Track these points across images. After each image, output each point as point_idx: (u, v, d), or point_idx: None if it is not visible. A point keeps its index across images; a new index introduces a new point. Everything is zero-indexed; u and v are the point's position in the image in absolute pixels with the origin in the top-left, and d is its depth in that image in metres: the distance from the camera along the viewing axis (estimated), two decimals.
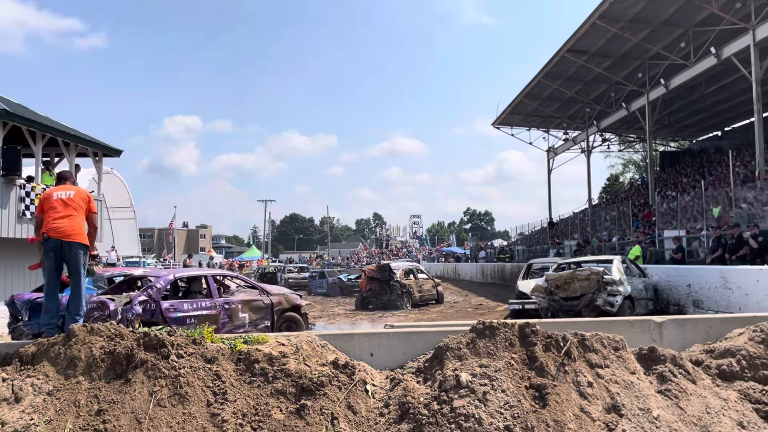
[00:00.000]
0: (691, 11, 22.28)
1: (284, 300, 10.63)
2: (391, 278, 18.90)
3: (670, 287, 13.55)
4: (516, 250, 36.51)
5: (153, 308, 8.84)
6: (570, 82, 31.23)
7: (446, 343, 5.00)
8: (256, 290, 10.56)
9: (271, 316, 10.25)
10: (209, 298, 9.68)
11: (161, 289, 9.13)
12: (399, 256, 67.65)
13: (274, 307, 10.32)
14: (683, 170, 34.85)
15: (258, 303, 10.19)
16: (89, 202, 5.97)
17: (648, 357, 5.20)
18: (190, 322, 9.02)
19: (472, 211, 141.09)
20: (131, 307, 8.67)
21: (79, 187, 6.17)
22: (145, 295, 8.88)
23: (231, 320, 9.65)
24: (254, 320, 9.99)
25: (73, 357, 4.49)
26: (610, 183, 60.20)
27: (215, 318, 9.40)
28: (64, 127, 16.05)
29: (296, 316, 10.75)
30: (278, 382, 4.61)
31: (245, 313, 9.90)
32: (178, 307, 9.16)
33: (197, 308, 9.38)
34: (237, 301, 9.97)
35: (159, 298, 8.99)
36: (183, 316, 9.06)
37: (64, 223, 5.67)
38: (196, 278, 10.57)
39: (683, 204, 21.37)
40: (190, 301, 9.57)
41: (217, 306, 9.57)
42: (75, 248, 5.67)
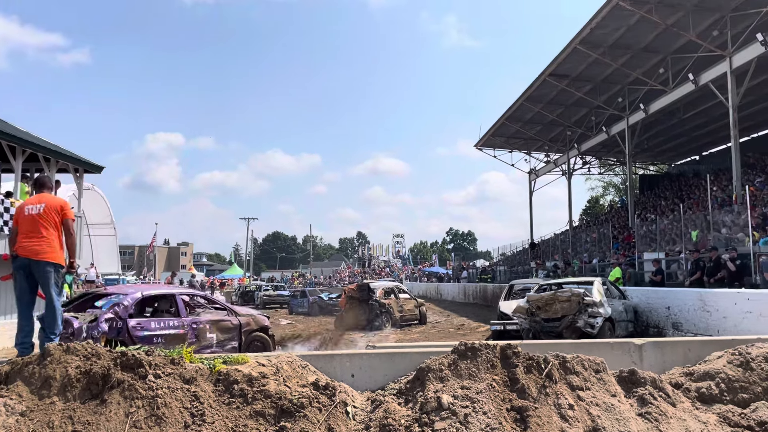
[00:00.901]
0: (669, 38, 22.76)
1: (252, 321, 10.55)
2: (370, 297, 18.73)
3: (650, 309, 13.66)
4: (498, 270, 36.62)
5: (119, 326, 8.68)
6: (551, 105, 31.64)
7: (428, 365, 4.98)
8: (225, 310, 10.47)
9: (239, 337, 10.13)
10: (177, 317, 9.53)
11: (128, 307, 8.97)
12: (381, 275, 67.52)
13: (242, 327, 10.22)
14: (662, 193, 35.32)
15: (226, 323, 10.07)
16: (63, 210, 5.76)
17: (628, 379, 5.22)
18: (157, 341, 8.87)
19: (455, 231, 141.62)
20: (97, 324, 8.51)
21: (52, 197, 5.91)
22: (111, 313, 8.70)
23: (198, 340, 9.48)
24: (222, 340, 9.86)
25: (48, 376, 4.39)
26: (590, 205, 60.80)
27: (182, 337, 9.20)
28: (44, 143, 15.89)
29: (264, 337, 10.65)
30: (258, 403, 4.55)
31: (213, 333, 9.77)
32: (145, 326, 9.00)
33: (164, 327, 9.22)
34: (205, 320, 9.84)
35: (126, 315, 8.83)
36: (150, 335, 8.91)
37: (32, 243, 5.53)
38: (164, 296, 10.34)
39: (662, 227, 21.63)
40: (157, 319, 9.40)
41: (185, 325, 9.43)
42: (43, 267, 5.53)
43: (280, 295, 34.83)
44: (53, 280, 5.58)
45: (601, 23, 21.66)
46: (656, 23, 21.07)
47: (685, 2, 20.13)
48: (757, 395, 5.17)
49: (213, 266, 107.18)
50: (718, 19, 20.72)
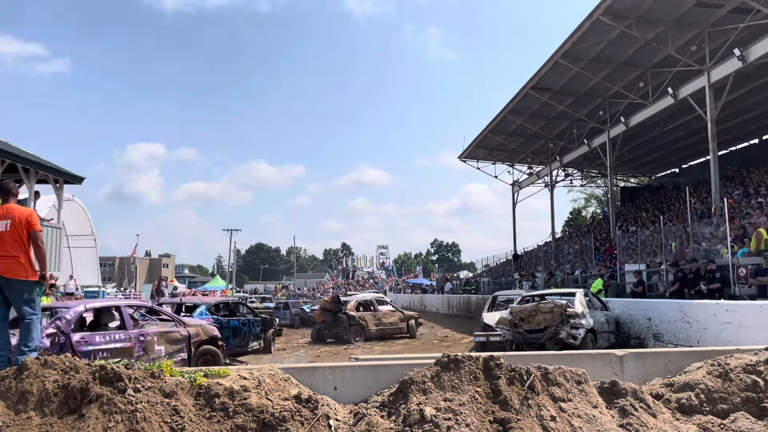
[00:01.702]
0: (649, 53, 23.13)
1: (201, 331, 10.28)
2: (340, 310, 18.51)
3: (631, 320, 13.76)
4: (481, 282, 36.72)
5: (62, 341, 8.33)
6: (534, 118, 31.94)
7: (411, 377, 4.98)
8: (173, 321, 10.19)
9: (188, 348, 9.89)
10: (123, 330, 9.19)
11: (71, 321, 8.61)
12: (366, 287, 67.36)
13: (191, 338, 9.97)
14: (643, 205, 35.71)
15: (174, 334, 9.80)
16: (30, 223, 5.57)
17: (610, 390, 5.25)
18: (103, 355, 8.52)
19: (439, 243, 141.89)
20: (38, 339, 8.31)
21: (18, 208, 5.69)
22: (53, 327, 8.33)
23: (146, 353, 9.22)
24: (171, 352, 9.59)
25: (25, 391, 4.32)
26: (572, 217, 61.35)
27: (129, 351, 8.93)
28: (23, 153, 15.70)
29: (214, 349, 10.40)
30: (239, 417, 4.51)
31: (161, 345, 9.51)
32: (89, 340, 8.67)
33: (110, 341, 8.91)
34: (152, 332, 9.55)
35: (69, 330, 8.47)
36: (94, 350, 8.58)
37: (1, 263, 5.40)
38: (109, 309, 10.03)
39: (643, 238, 21.85)
40: (102, 333, 9.08)
41: (132, 338, 9.12)
42: (15, 285, 5.42)
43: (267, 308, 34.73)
44: (26, 296, 5.47)
45: (582, 38, 21.95)
46: (636, 38, 21.40)
47: (664, 18, 20.48)
48: (736, 406, 5.22)
49: (195, 278, 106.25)
50: (696, 34, 21.10)
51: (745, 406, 5.23)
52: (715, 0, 19.12)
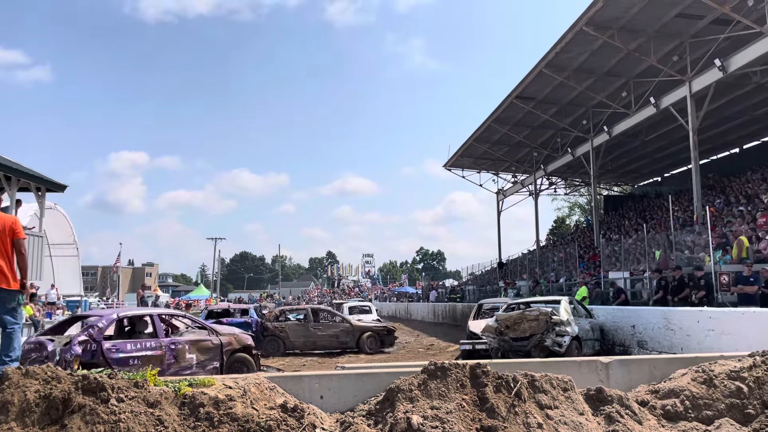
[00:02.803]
0: (631, 63, 23.43)
1: (234, 340, 10.25)
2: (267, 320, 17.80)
3: (616, 328, 13.85)
4: (467, 290, 36.79)
5: (94, 349, 8.52)
6: (518, 127, 32.18)
7: (398, 385, 4.95)
8: (205, 330, 10.23)
9: (220, 357, 9.89)
10: (154, 338, 9.33)
11: (103, 329, 8.83)
12: (351, 295, 67.18)
13: (223, 347, 9.96)
14: (626, 214, 36.03)
15: (206, 343, 9.83)
16: (13, 231, 5.50)
17: (596, 397, 5.26)
18: (134, 363, 8.70)
19: (425, 251, 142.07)
20: (70, 347, 8.35)
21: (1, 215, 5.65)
22: (85, 335, 8.55)
23: (177, 361, 9.30)
24: (202, 361, 9.63)
25: (6, 401, 4.23)
26: (557, 225, 61.75)
27: (160, 359, 9.06)
28: (5, 161, 15.51)
29: (247, 357, 10.35)
30: (224, 426, 4.46)
31: (192, 353, 9.54)
32: (120, 348, 8.83)
33: (141, 348, 9.03)
34: (184, 341, 9.62)
35: (100, 338, 8.68)
36: (126, 357, 8.74)
37: None
38: (141, 318, 10.19)
39: (626, 246, 22.04)
40: (133, 341, 9.21)
41: (163, 346, 9.23)
42: None
43: None
44: (8, 305, 5.39)
45: (565, 48, 22.19)
46: (619, 48, 21.67)
47: (646, 28, 20.77)
48: (720, 412, 5.26)
49: (179, 287, 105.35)
50: (678, 45, 21.41)
51: (730, 412, 5.26)
52: (696, 11, 19.42)
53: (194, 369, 9.38)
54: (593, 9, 19.28)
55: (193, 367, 9.44)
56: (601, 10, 19.27)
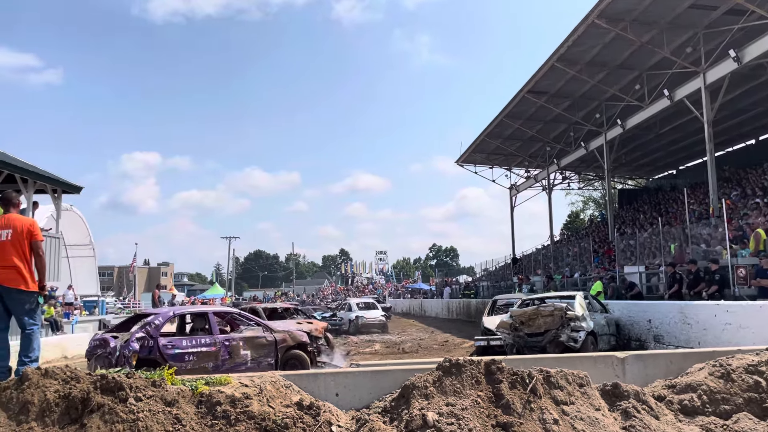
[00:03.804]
0: (644, 55, 23.22)
1: (288, 337, 10.36)
2: None
3: (632, 323, 13.76)
4: (481, 286, 36.71)
5: (150, 345, 8.84)
6: (530, 121, 32.01)
7: (412, 382, 4.97)
8: (260, 327, 10.37)
9: (274, 354, 10.03)
10: (209, 335, 9.57)
11: (159, 326, 9.14)
12: (365, 292, 67.29)
13: (278, 344, 10.11)
14: (641, 207, 35.73)
15: (261, 340, 9.99)
16: (31, 233, 5.57)
17: (612, 393, 5.24)
18: (189, 359, 9.04)
19: (438, 247, 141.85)
20: (128, 344, 8.67)
21: (19, 218, 5.69)
22: (143, 332, 8.89)
23: (231, 357, 9.51)
24: (256, 357, 9.80)
25: (26, 401, 4.30)
26: (571, 220, 61.39)
27: (215, 355, 9.33)
28: (21, 163, 15.69)
29: (302, 354, 10.40)
30: (241, 424, 4.50)
31: (247, 350, 9.73)
32: (176, 344, 9.12)
33: (196, 345, 9.30)
34: (238, 338, 9.82)
35: (157, 334, 8.99)
36: (181, 353, 9.03)
37: (2, 273, 5.39)
38: (196, 315, 10.56)
39: (641, 240, 21.85)
40: (189, 337, 9.54)
41: (217, 343, 9.45)
42: (15, 295, 5.41)
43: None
44: (26, 306, 5.45)
45: (577, 41, 22.03)
46: (631, 41, 21.48)
47: (659, 20, 20.56)
48: (738, 406, 5.22)
49: (194, 286, 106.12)
50: (691, 36, 21.18)
51: (748, 406, 5.22)
52: (710, 2, 19.20)
53: (249, 365, 9.55)
54: (605, 1, 19.11)
55: (247, 363, 9.61)
56: (613, 2, 19.09)
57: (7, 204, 5.80)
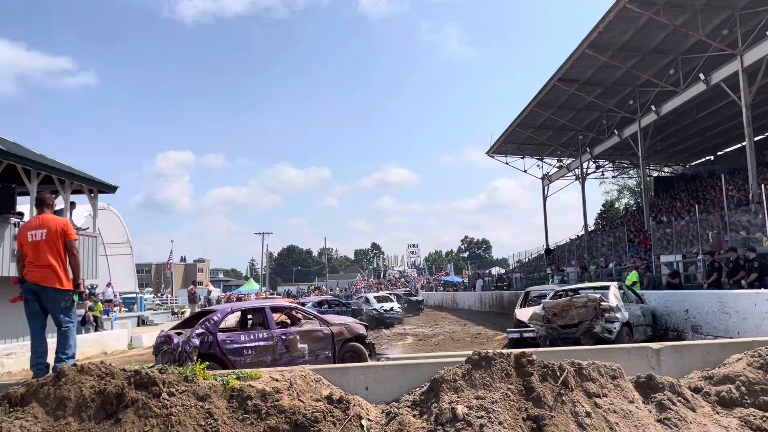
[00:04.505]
0: (678, 39, 22.64)
1: (345, 330, 10.47)
2: None
3: (668, 313, 13.48)
4: (514, 277, 36.40)
5: (210, 341, 9.16)
6: (562, 110, 31.52)
7: (442, 375, 4.95)
8: (316, 320, 10.52)
9: (332, 347, 10.18)
10: (266, 330, 9.80)
11: (218, 322, 9.45)
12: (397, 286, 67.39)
13: (335, 337, 10.25)
14: (677, 195, 34.96)
15: (317, 333, 10.14)
16: (65, 233, 5.68)
17: (646, 385, 5.14)
18: (247, 353, 9.32)
19: (470, 240, 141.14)
20: (189, 340, 8.99)
21: (53, 218, 5.80)
22: (202, 328, 9.21)
23: (289, 351, 9.71)
24: (314, 351, 9.98)
25: (63, 397, 4.41)
26: (605, 209, 60.41)
27: (272, 349, 9.57)
28: (59, 165, 16.08)
29: (359, 347, 10.49)
30: (271, 418, 4.54)
31: (304, 343, 9.90)
32: (234, 339, 9.39)
33: (253, 339, 9.55)
34: (295, 331, 10.00)
35: (215, 330, 9.30)
36: (239, 348, 9.31)
37: (38, 270, 5.52)
38: (253, 310, 10.84)
39: (678, 229, 21.39)
40: (246, 332, 9.77)
41: (274, 337, 9.67)
42: (50, 293, 5.53)
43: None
44: (62, 304, 5.58)
45: (608, 26, 21.59)
46: (664, 24, 20.97)
47: (693, 2, 20.01)
48: None
49: (230, 281, 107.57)
50: (727, 18, 20.56)
51: None
52: None
53: (306, 358, 9.73)
54: None
55: (305, 356, 9.79)
56: None
57: (41, 205, 5.95)
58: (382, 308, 24.47)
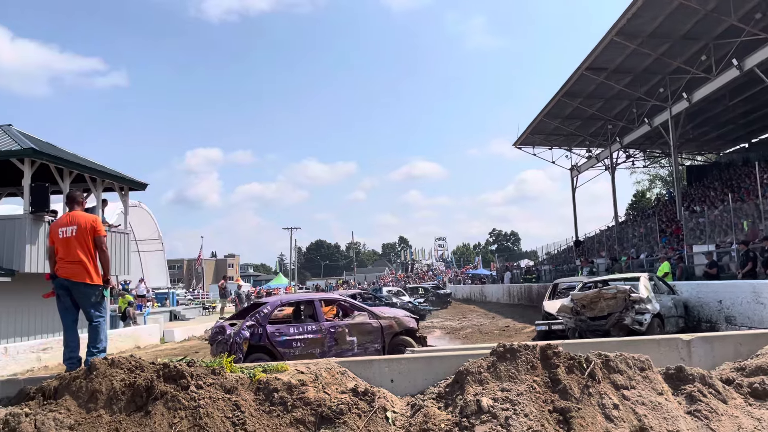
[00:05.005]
0: (710, 24, 22.08)
1: (395, 323, 10.51)
2: None
3: (701, 304, 13.23)
4: (543, 270, 36.05)
5: (260, 332, 9.40)
6: (590, 99, 31.04)
7: (466, 368, 4.94)
8: (366, 313, 10.60)
9: (381, 339, 10.23)
10: (315, 322, 9.95)
11: (267, 315, 9.68)
12: (425, 279, 67.31)
13: (384, 330, 10.30)
14: (711, 184, 34.22)
15: (366, 326, 10.23)
16: (94, 229, 5.79)
17: (676, 376, 5.06)
18: (296, 345, 9.52)
19: (498, 232, 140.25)
20: (239, 331, 9.24)
21: (83, 215, 5.92)
22: (252, 320, 9.46)
23: (338, 344, 9.83)
24: (363, 343, 10.07)
25: (94, 390, 4.52)
26: (636, 199, 59.40)
27: (321, 342, 9.71)
28: (90, 163, 16.40)
29: (409, 340, 10.46)
30: (297, 410, 4.59)
31: (353, 336, 10.01)
32: (283, 331, 9.61)
33: (302, 332, 9.74)
34: (344, 324, 10.12)
35: (265, 322, 9.55)
36: (288, 340, 9.53)
37: (69, 266, 5.64)
38: (303, 303, 11.02)
39: (712, 218, 20.94)
40: (295, 325, 9.96)
41: (323, 330, 9.81)
42: (81, 288, 5.64)
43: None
44: (92, 299, 5.70)
45: (637, 13, 21.16)
46: (695, 9, 20.48)
47: None
48: None
49: (259, 276, 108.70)
50: (761, 1, 19.99)
51: None
52: None
53: (356, 351, 9.85)
54: None
55: (354, 349, 9.91)
56: None
57: (72, 202, 6.10)
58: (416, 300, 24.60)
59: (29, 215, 14.04)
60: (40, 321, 14.99)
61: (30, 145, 14.15)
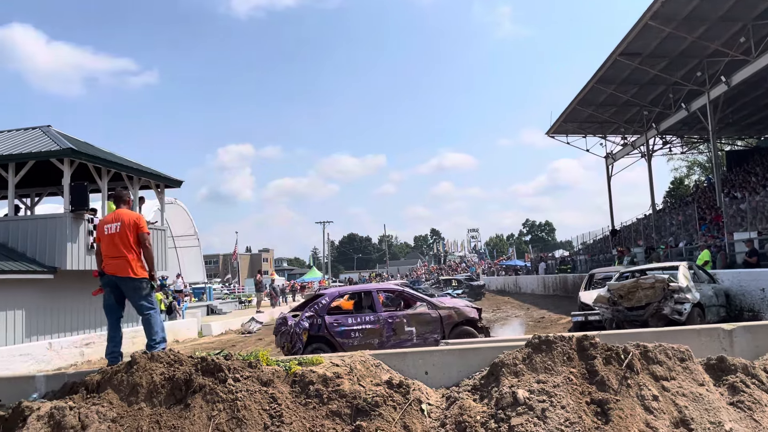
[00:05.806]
0: (748, 4, 21.39)
1: (455, 313, 10.47)
2: None
3: (743, 292, 12.90)
4: (578, 260, 35.56)
5: (319, 323, 9.57)
6: (625, 85, 30.41)
7: (501, 360, 4.91)
8: (425, 303, 10.62)
9: (440, 330, 10.21)
10: (373, 313, 10.05)
11: (326, 306, 9.84)
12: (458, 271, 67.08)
13: (443, 320, 10.29)
14: (752, 170, 33.28)
15: (425, 317, 10.26)
16: (137, 226, 5.92)
17: (717, 367, 4.96)
18: (354, 335, 9.64)
19: (531, 223, 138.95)
20: (299, 322, 9.43)
21: (128, 212, 6.07)
22: (312, 311, 9.65)
23: (396, 334, 9.90)
24: (422, 334, 10.09)
25: (135, 384, 4.63)
26: (674, 187, 58.10)
27: (379, 332, 9.81)
28: (127, 162, 16.75)
29: (471, 331, 10.41)
30: (333, 403, 4.62)
31: (411, 326, 10.05)
32: (342, 322, 9.74)
33: (360, 322, 9.84)
34: (402, 315, 10.19)
35: (324, 313, 9.72)
36: (347, 330, 9.67)
37: (115, 262, 5.77)
38: (361, 294, 11.13)
39: (753, 204, 20.37)
40: (354, 315, 10.09)
41: (380, 320, 9.91)
42: (128, 283, 5.77)
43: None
44: (141, 293, 5.83)
45: None
46: None
47: None
48: None
49: (293, 270, 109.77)
50: None
51: None
52: None
53: (414, 341, 9.89)
54: None
55: (413, 339, 9.96)
56: None
57: (118, 201, 6.29)
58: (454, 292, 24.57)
59: (69, 214, 14.42)
60: (82, 317, 15.41)
61: (68, 146, 14.51)
